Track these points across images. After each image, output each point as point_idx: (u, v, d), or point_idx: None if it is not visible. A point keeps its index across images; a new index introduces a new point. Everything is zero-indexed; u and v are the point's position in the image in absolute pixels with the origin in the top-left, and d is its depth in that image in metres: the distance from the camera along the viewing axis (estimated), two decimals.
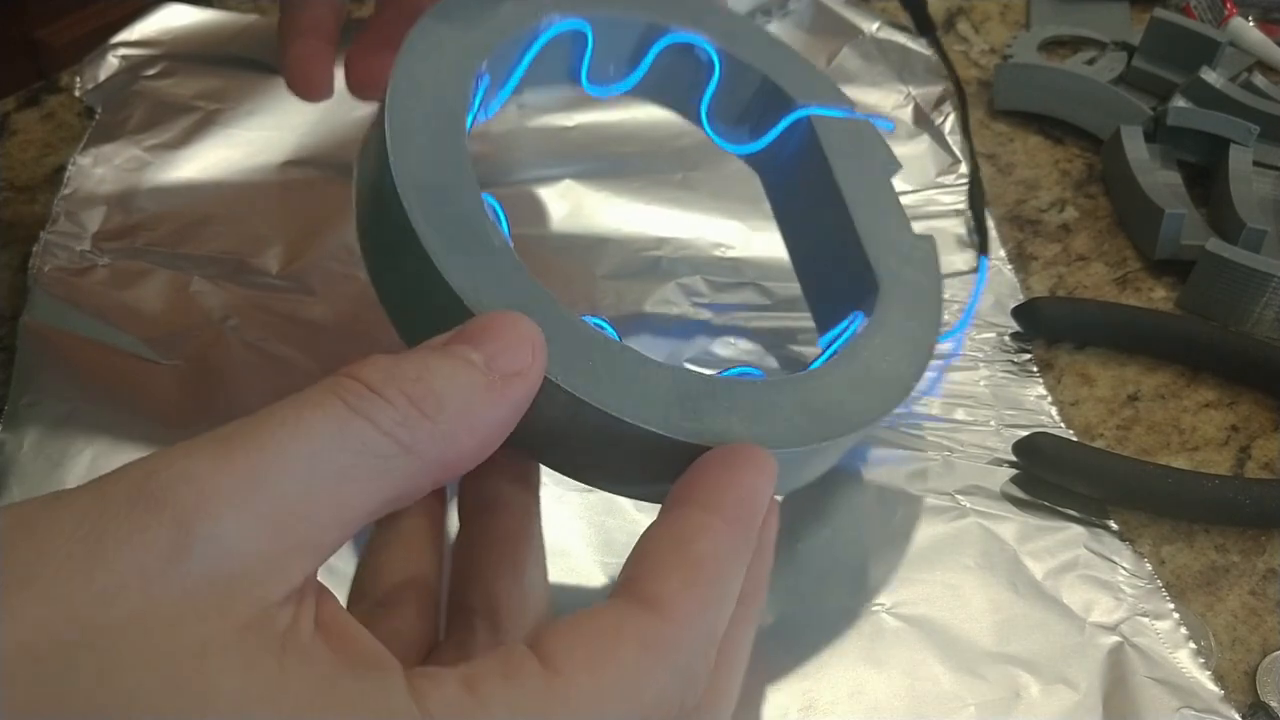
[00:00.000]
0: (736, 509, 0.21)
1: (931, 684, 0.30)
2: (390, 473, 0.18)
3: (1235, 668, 0.31)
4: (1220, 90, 0.46)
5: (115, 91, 0.45)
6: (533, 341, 0.20)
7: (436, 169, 0.25)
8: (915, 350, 0.30)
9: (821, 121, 0.33)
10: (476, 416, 0.19)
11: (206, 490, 0.16)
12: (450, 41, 0.27)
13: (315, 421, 0.17)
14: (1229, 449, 0.37)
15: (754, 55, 0.33)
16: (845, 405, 0.27)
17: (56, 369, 0.34)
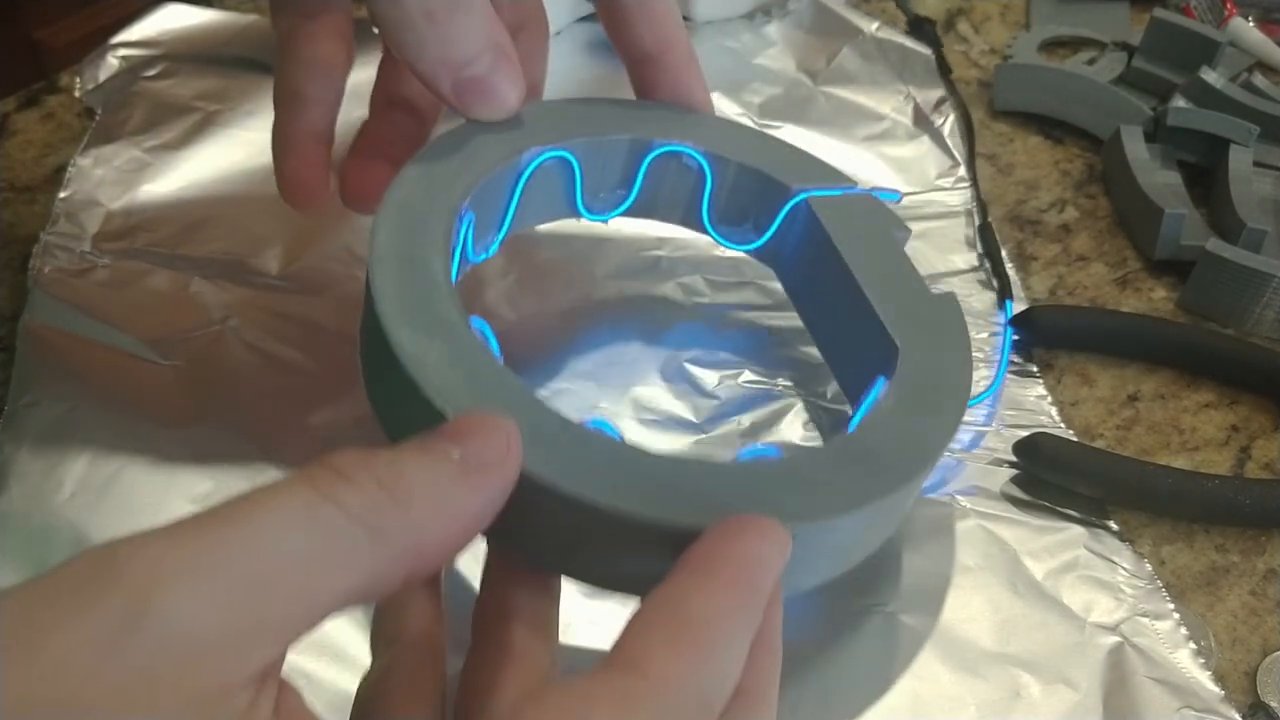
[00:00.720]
0: (736, 571, 0.20)
1: (932, 684, 0.30)
2: (358, 559, 0.17)
3: (1235, 668, 0.31)
4: (1220, 90, 0.46)
5: (115, 92, 0.45)
6: (508, 434, 0.20)
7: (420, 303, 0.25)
8: (940, 415, 0.29)
9: (820, 202, 0.33)
10: (449, 505, 0.19)
11: (163, 567, 0.15)
12: (434, 178, 0.28)
13: (282, 506, 0.17)
14: (1229, 449, 0.37)
15: (742, 152, 0.34)
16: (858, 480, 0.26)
17: (56, 369, 0.34)
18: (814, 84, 0.49)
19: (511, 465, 0.20)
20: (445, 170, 0.29)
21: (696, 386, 0.36)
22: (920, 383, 0.29)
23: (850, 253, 0.32)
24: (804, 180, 0.34)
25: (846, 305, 0.32)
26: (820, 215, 0.33)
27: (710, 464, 0.26)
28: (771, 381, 0.37)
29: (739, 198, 0.34)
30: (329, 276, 0.39)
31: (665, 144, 0.33)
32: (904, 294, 0.32)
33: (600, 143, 0.32)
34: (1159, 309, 0.42)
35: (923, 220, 0.43)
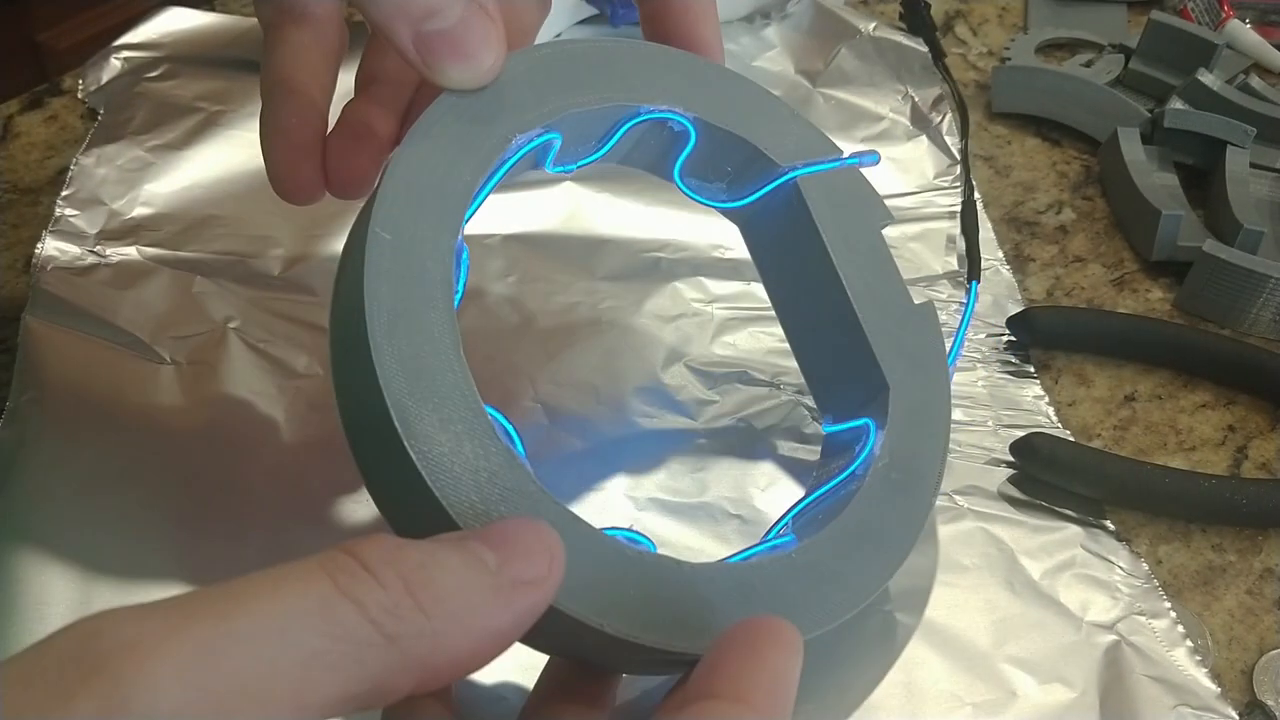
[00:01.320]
0: (768, 698, 0.19)
1: (929, 683, 0.30)
2: (366, 665, 0.16)
3: (1232, 666, 0.32)
4: (1217, 92, 0.46)
5: (117, 93, 0.45)
6: (551, 552, 0.19)
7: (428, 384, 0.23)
8: (930, 465, 0.29)
9: (809, 185, 0.31)
10: (476, 620, 0.17)
11: (149, 658, 0.14)
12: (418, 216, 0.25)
13: (294, 597, 0.16)
14: (1226, 449, 0.37)
15: (733, 118, 0.31)
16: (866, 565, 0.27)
17: (58, 368, 0.35)
18: (813, 85, 0.49)
19: (551, 584, 0.19)
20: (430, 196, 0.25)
21: (696, 387, 0.36)
22: (908, 431, 0.29)
23: (839, 253, 0.30)
24: (793, 152, 0.31)
25: (829, 310, 0.31)
26: (809, 200, 0.31)
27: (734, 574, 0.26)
28: (771, 382, 0.37)
29: (719, 161, 0.32)
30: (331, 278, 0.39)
31: (653, 110, 0.30)
32: (888, 305, 0.31)
33: (586, 114, 0.28)
34: (1156, 310, 0.42)
35: (921, 221, 0.43)
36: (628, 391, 0.36)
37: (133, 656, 0.14)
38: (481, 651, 0.18)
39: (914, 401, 0.30)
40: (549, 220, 0.41)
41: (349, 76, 0.31)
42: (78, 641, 0.15)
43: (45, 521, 0.31)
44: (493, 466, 0.23)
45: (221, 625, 0.15)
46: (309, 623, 0.15)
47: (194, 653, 0.15)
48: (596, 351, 0.37)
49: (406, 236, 0.24)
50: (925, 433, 0.30)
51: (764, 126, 0.31)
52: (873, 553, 0.28)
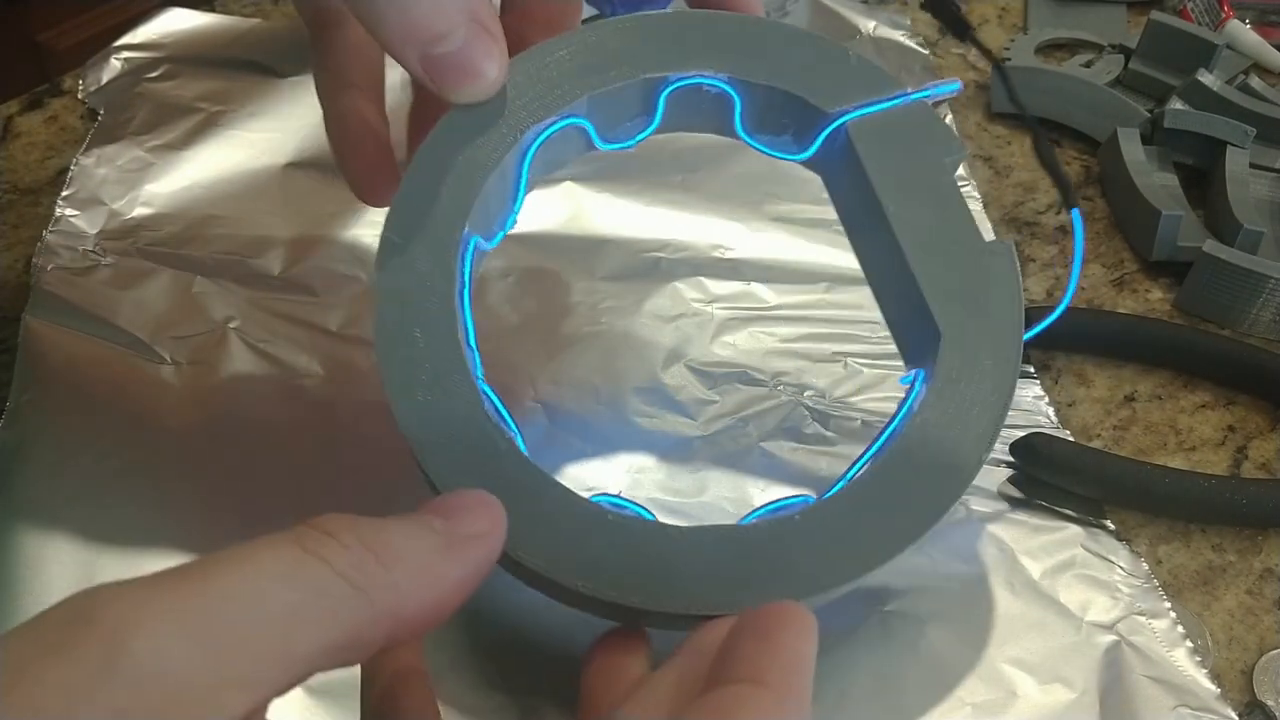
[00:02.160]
0: (785, 678, 0.20)
1: (929, 683, 0.30)
2: (340, 615, 0.17)
3: (1232, 666, 0.32)
4: (1217, 93, 0.46)
5: (118, 94, 0.45)
6: (491, 510, 0.21)
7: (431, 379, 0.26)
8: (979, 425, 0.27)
9: (860, 129, 0.29)
10: (433, 571, 0.19)
11: (143, 612, 0.15)
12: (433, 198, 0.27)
13: (268, 561, 0.17)
14: (1226, 449, 0.37)
15: (769, 71, 0.29)
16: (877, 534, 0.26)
17: (59, 368, 0.35)
18: None
19: (495, 539, 0.21)
20: (445, 181, 0.27)
21: (696, 387, 0.36)
22: (958, 385, 0.27)
23: (891, 200, 0.29)
24: (842, 95, 0.29)
25: (890, 259, 0.29)
26: (859, 145, 0.29)
27: (733, 536, 0.26)
28: (771, 382, 0.37)
29: (773, 116, 0.31)
30: (331, 277, 0.39)
31: (681, 77, 0.29)
32: (952, 248, 0.28)
33: (610, 93, 0.29)
34: (1156, 310, 0.42)
35: None
36: (628, 391, 0.36)
37: (129, 615, 0.15)
38: (443, 601, 0.19)
39: (968, 352, 0.28)
40: (549, 220, 0.41)
41: None
42: (73, 608, 0.16)
43: (45, 521, 0.31)
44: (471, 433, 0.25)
45: (206, 589, 0.16)
46: (285, 582, 0.17)
47: (182, 609, 0.16)
48: (596, 351, 0.37)
49: (413, 237, 0.27)
50: (978, 387, 0.28)
51: (810, 73, 0.30)
52: (894, 518, 0.26)
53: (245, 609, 0.16)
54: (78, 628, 0.15)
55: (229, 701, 0.16)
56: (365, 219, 0.41)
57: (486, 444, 0.25)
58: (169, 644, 0.15)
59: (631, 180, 0.43)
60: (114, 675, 0.15)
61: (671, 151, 0.44)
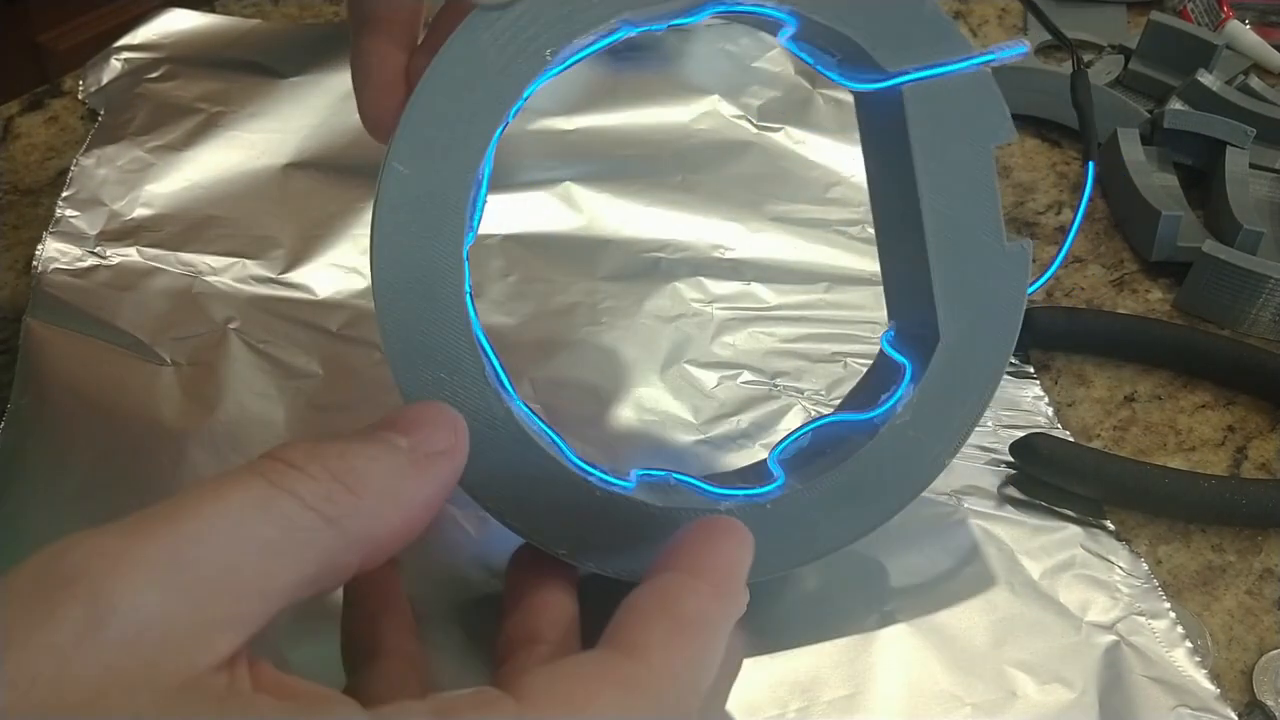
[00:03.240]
0: (723, 578, 0.21)
1: (928, 683, 0.30)
2: (314, 547, 0.18)
3: (1232, 667, 0.32)
4: (1217, 93, 0.46)
5: (118, 94, 0.45)
6: (454, 425, 0.21)
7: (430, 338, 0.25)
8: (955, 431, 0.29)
9: (915, 93, 0.27)
10: (401, 494, 0.19)
11: (121, 565, 0.15)
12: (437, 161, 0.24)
13: (237, 498, 0.17)
14: (1225, 449, 0.37)
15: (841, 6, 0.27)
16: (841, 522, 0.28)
17: (59, 369, 0.35)
18: (812, 86, 0.49)
19: (459, 455, 0.21)
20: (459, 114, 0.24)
21: (696, 387, 0.36)
22: (945, 388, 0.28)
23: (928, 182, 0.27)
24: (908, 52, 0.27)
25: (906, 228, 0.28)
26: (910, 115, 0.27)
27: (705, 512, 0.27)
28: (770, 382, 0.37)
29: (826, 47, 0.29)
30: (331, 277, 0.39)
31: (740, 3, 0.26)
32: (971, 243, 0.28)
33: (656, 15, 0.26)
34: (1155, 310, 0.42)
35: None
36: (627, 392, 0.36)
37: (105, 566, 0.15)
38: (409, 522, 0.20)
39: (961, 361, 0.28)
40: (549, 220, 0.41)
41: None
42: (48, 564, 0.15)
43: (46, 522, 0.31)
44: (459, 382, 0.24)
45: (179, 531, 0.16)
46: (256, 517, 0.17)
47: (158, 555, 0.16)
48: (596, 352, 0.37)
49: (423, 169, 0.24)
50: (958, 395, 0.28)
51: (879, 19, 0.27)
52: (855, 511, 0.28)
53: (220, 550, 0.16)
54: (57, 586, 0.15)
55: (218, 643, 0.16)
56: (365, 219, 0.41)
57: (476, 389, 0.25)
58: (150, 594, 0.15)
59: (631, 180, 0.43)
60: (103, 633, 0.15)
61: (672, 151, 0.45)
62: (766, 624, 0.30)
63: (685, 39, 0.52)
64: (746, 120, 0.47)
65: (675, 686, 0.19)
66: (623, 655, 0.19)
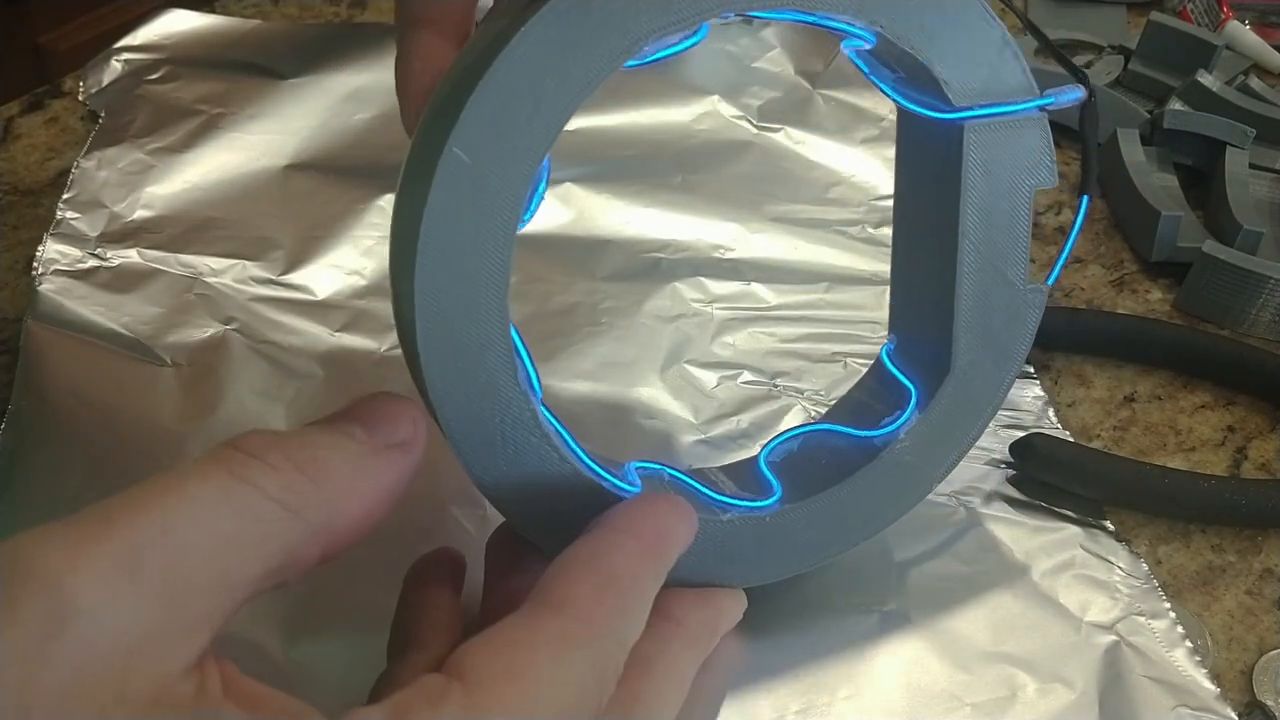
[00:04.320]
0: (651, 535, 0.22)
1: (929, 683, 0.30)
2: (275, 539, 0.17)
3: (1232, 667, 0.32)
4: (1217, 93, 0.46)
5: (118, 96, 0.45)
6: (413, 418, 0.21)
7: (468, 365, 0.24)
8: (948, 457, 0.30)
9: (976, 131, 0.27)
10: (361, 483, 0.19)
11: (81, 560, 0.15)
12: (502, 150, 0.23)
13: (197, 490, 0.17)
14: (1225, 450, 0.37)
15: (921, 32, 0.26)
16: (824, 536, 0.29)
17: (59, 370, 0.35)
18: (812, 87, 0.49)
19: (417, 447, 0.21)
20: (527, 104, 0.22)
21: (696, 387, 0.36)
22: (945, 418, 0.29)
23: (973, 219, 0.27)
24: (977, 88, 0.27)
25: (936, 256, 0.29)
26: (967, 153, 0.27)
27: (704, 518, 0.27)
28: (770, 382, 0.37)
29: (893, 65, 0.28)
30: (331, 278, 0.39)
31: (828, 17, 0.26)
32: (995, 282, 0.28)
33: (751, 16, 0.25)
34: (1155, 310, 0.42)
35: None
36: (628, 391, 0.36)
37: (65, 562, 0.15)
38: (369, 512, 0.20)
39: (966, 393, 0.29)
40: (549, 220, 0.41)
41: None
42: (3, 556, 0.15)
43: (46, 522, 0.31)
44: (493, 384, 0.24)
45: (139, 524, 0.16)
46: (217, 510, 0.17)
47: (121, 552, 0.15)
48: (596, 351, 0.37)
49: (488, 158, 0.22)
50: (958, 425, 0.29)
51: (955, 46, 0.26)
52: (848, 526, 0.29)
53: (183, 544, 0.16)
54: (17, 589, 0.14)
55: (187, 645, 0.16)
56: (365, 220, 0.41)
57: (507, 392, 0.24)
58: (114, 592, 0.15)
59: (631, 180, 0.43)
60: (65, 639, 0.14)
61: (672, 152, 0.45)
62: (766, 624, 0.30)
63: None
64: (746, 120, 0.47)
65: (602, 638, 0.19)
66: (551, 611, 0.19)
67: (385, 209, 0.41)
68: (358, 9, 0.53)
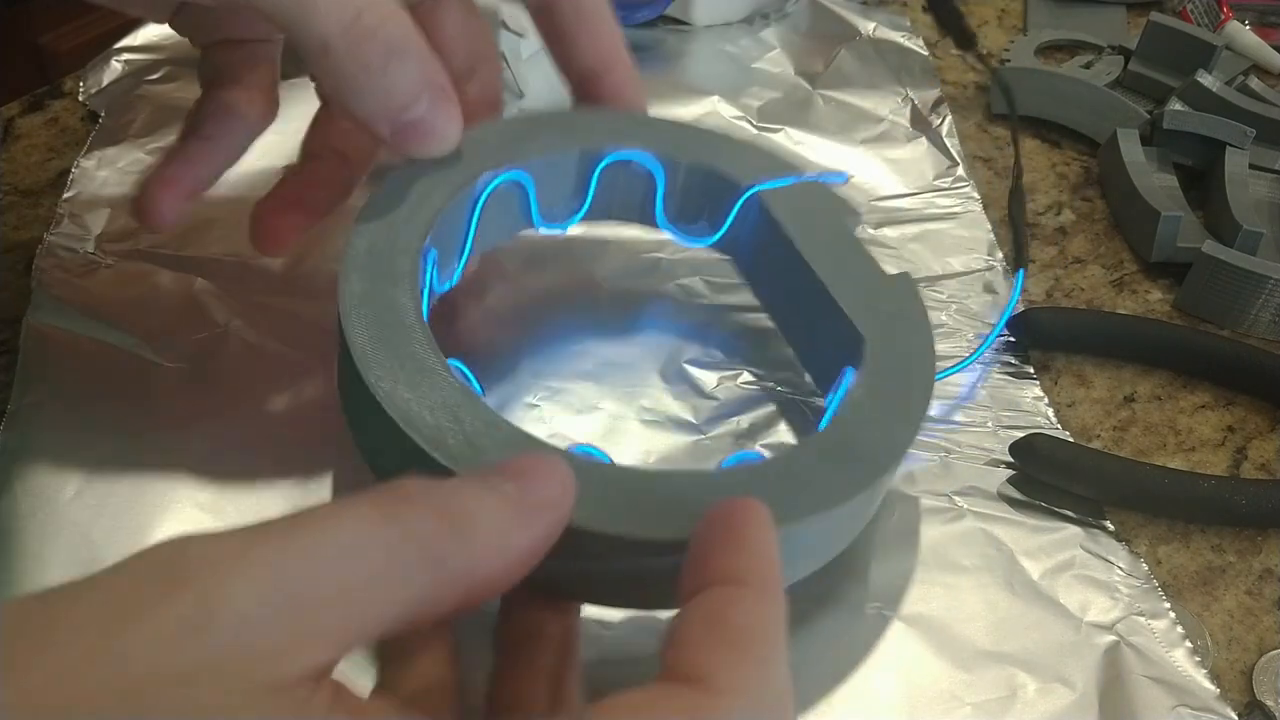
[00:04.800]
0: (762, 576, 0.20)
1: (929, 683, 0.30)
2: (415, 584, 0.18)
3: (1232, 667, 0.32)
4: (1216, 94, 0.46)
5: (118, 96, 0.45)
6: (563, 478, 0.21)
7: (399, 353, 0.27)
8: (909, 400, 0.30)
9: (770, 195, 0.34)
10: (506, 541, 0.20)
11: (232, 573, 0.16)
12: (395, 219, 0.29)
13: (351, 523, 0.18)
14: (1225, 450, 0.37)
15: (691, 152, 0.34)
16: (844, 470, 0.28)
17: (59, 370, 0.35)
18: (812, 87, 0.49)
19: (565, 506, 0.21)
20: (404, 210, 0.30)
21: (696, 388, 0.36)
22: (887, 370, 0.30)
23: (805, 245, 0.33)
24: (754, 174, 0.34)
25: (808, 296, 0.33)
26: (772, 209, 0.34)
27: (698, 475, 0.27)
28: (770, 382, 0.37)
29: (691, 196, 0.35)
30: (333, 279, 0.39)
31: (615, 152, 0.33)
32: (861, 280, 0.32)
33: (551, 159, 0.33)
34: (1155, 311, 0.42)
35: (921, 222, 0.43)
36: (627, 392, 0.36)
37: (214, 571, 0.16)
38: (512, 570, 0.20)
39: (896, 351, 0.31)
40: None
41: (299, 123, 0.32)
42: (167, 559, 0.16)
43: (46, 523, 0.31)
44: (452, 400, 0.26)
45: (290, 548, 0.17)
46: (367, 546, 0.17)
47: (268, 568, 0.16)
48: (596, 352, 0.37)
49: (379, 243, 0.29)
50: (908, 372, 0.31)
51: (725, 156, 0.34)
52: (847, 466, 0.28)
53: (328, 572, 0.17)
54: (172, 583, 0.16)
55: (310, 656, 0.16)
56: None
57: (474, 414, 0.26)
58: (255, 599, 0.16)
59: None
60: (205, 634, 0.15)
61: None
62: None
63: (685, 40, 0.52)
64: (746, 121, 0.47)
65: (752, 705, 0.18)
66: (682, 684, 0.18)
67: None
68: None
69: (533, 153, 0.32)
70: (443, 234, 0.31)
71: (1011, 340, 0.39)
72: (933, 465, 0.35)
